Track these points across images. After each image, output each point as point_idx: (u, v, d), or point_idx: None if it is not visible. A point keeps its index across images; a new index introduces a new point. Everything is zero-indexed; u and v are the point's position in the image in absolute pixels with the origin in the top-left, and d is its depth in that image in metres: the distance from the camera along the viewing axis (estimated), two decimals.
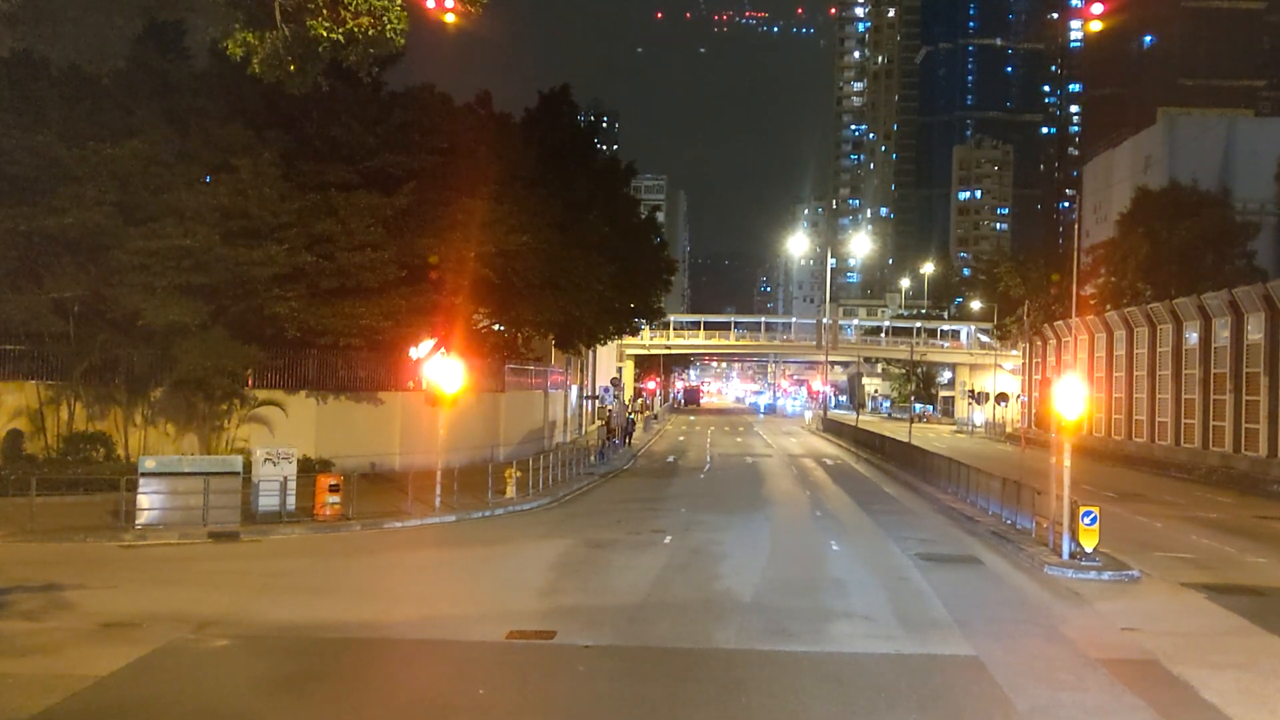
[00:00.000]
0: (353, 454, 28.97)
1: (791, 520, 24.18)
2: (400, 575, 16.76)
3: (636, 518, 23.37)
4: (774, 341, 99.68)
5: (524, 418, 39.12)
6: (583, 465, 34.88)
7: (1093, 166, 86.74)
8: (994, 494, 24.48)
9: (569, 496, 27.40)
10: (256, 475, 20.07)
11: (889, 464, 39.56)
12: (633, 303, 37.81)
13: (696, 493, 29.36)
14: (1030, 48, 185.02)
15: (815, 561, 18.44)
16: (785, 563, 18.21)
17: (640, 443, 50.43)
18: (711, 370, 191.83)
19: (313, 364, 28.18)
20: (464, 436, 33.68)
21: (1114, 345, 51.56)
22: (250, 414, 26.70)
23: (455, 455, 32.94)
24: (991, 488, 24.87)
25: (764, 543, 20.34)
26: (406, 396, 31.41)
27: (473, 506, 23.43)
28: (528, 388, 39.76)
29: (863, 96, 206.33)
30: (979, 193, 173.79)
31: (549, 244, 28.69)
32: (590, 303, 31.73)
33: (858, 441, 51.12)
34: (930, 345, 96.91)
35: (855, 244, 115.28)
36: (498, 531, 21.28)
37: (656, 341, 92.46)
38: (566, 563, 17.53)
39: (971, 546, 20.44)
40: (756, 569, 17.40)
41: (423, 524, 21.42)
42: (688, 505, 25.94)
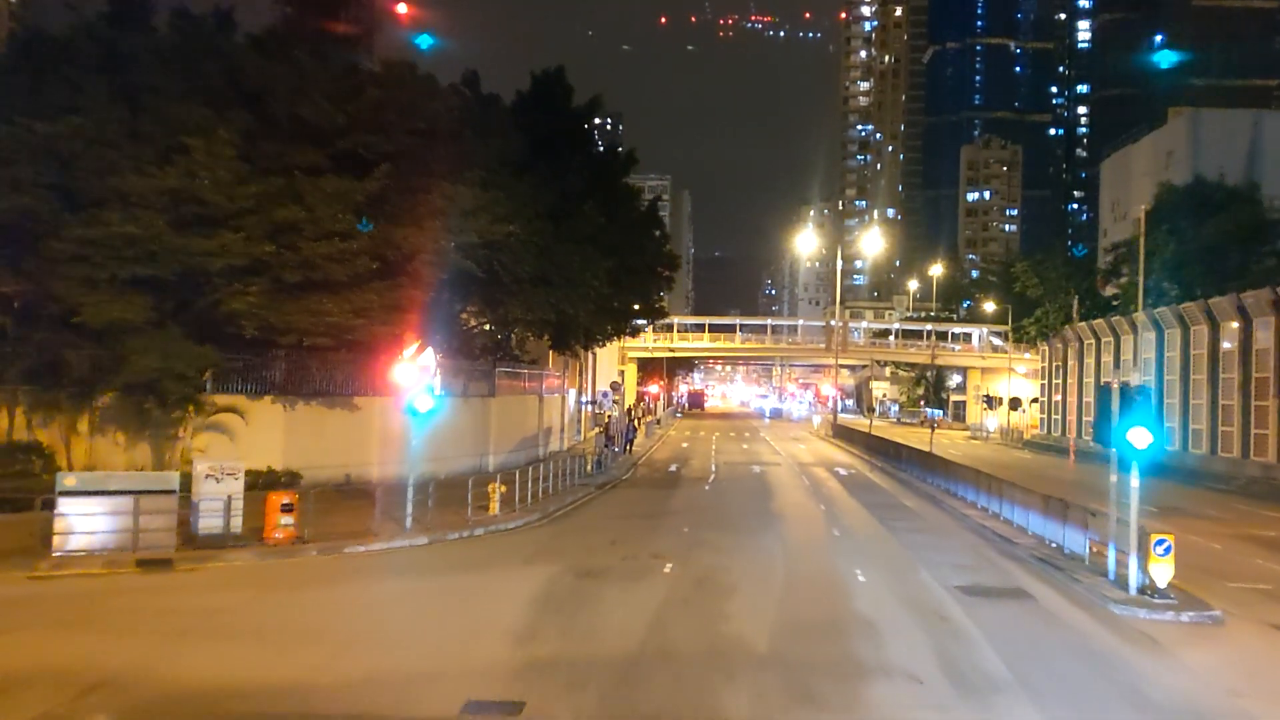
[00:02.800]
0: (325, 465, 26.54)
1: (807, 541, 21.65)
2: (351, 614, 14.25)
3: (633, 538, 20.86)
4: (780, 344, 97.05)
5: (517, 424, 36.64)
6: (579, 475, 32.44)
7: (1111, 163, 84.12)
8: (1034, 511, 21.93)
9: (561, 512, 24.89)
10: (198, 493, 17.59)
11: (906, 473, 37.00)
12: (632, 301, 35.15)
13: (700, 507, 26.83)
14: (1039, 47, 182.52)
15: (839, 595, 15.91)
16: (804, 597, 15.70)
17: (641, 450, 47.91)
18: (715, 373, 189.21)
19: (280, 367, 25.76)
20: (450, 444, 31.23)
21: (1141, 347, 48.94)
22: (208, 422, 24.23)
23: (440, 465, 30.54)
24: (1030, 504, 22.32)
25: (778, 570, 17.82)
26: (386, 402, 28.90)
27: (450, 526, 20.92)
28: (521, 392, 37.29)
29: (869, 96, 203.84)
30: (987, 193, 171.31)
31: (540, 236, 26.22)
32: (586, 300, 29.23)
33: (871, 449, 48.56)
34: (941, 348, 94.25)
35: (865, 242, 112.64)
36: (474, 556, 18.77)
37: (660, 344, 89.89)
38: (549, 597, 15.04)
39: (1015, 575, 17.89)
40: (771, 605, 14.90)
41: (389, 548, 18.92)
42: (691, 522, 23.42)
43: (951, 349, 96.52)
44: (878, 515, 25.80)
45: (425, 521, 20.90)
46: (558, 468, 30.01)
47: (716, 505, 27.38)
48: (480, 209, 23.33)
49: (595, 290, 29.46)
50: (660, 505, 26.94)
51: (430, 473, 29.69)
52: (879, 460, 44.09)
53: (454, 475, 30.41)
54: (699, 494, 30.21)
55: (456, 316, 28.48)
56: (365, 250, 22.16)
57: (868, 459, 45.80)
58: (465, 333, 33.03)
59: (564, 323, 32.13)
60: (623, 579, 16.48)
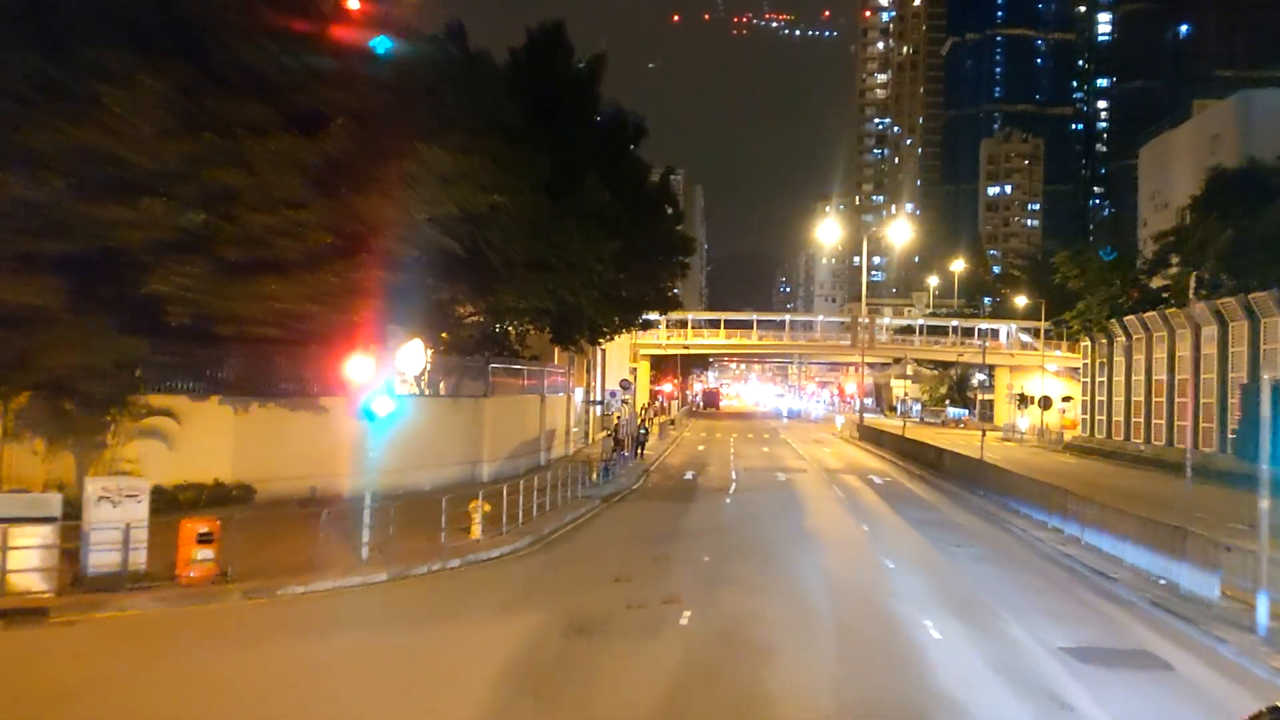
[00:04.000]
0: (285, 476, 22.86)
1: (854, 575, 17.80)
2: (258, 694, 10.52)
3: (641, 571, 17.07)
4: (799, 341, 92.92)
5: (515, 427, 32.90)
6: (583, 485, 28.74)
7: (1149, 151, 79.75)
8: (1129, 537, 18.03)
9: (557, 534, 21.13)
10: (89, 521, 13.90)
11: (951, 483, 33.08)
12: (642, 290, 31.18)
13: (721, 526, 23.01)
14: (1061, 38, 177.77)
15: (910, 660, 12.06)
16: (865, 662, 11.88)
17: (654, 454, 44.12)
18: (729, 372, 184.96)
19: (232, 362, 22.09)
20: (437, 451, 27.59)
21: (1201, 343, 44.79)
22: (141, 427, 20.55)
23: (424, 475, 26.87)
24: (1123, 528, 18.42)
25: (825, 620, 13.99)
26: None
27: (418, 555, 17.19)
28: (520, 391, 33.56)
29: (887, 89, 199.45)
30: (1008, 188, 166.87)
31: (534, 212, 22.46)
32: (589, 287, 25.43)
33: (904, 453, 44.63)
34: (968, 345, 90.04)
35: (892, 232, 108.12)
36: (442, 599, 15.04)
37: (673, 341, 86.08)
38: (529, 663, 11.30)
39: (1130, 629, 14.00)
40: (823, 676, 11.13)
41: (337, 587, 15.18)
42: (711, 548, 19.60)
43: (979, 346, 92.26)
44: (931, 538, 21.92)
45: (390, 550, 17.19)
46: (559, 477, 26.36)
47: (740, 523, 23.55)
48: (461, 176, 19.55)
49: (599, 276, 25.67)
50: (674, 524, 23.13)
51: (412, 484, 26.07)
52: (915, 466, 40.17)
53: (441, 486, 26.77)
54: (719, 508, 26.38)
55: (444, 306, 24.70)
56: (322, 223, 18.41)
57: (902, 465, 41.86)
58: (455, 324, 29.29)
59: (565, 313, 28.39)
60: (626, 635, 12.70)
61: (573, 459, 38.20)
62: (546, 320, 27.96)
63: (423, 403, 27.61)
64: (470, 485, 28.02)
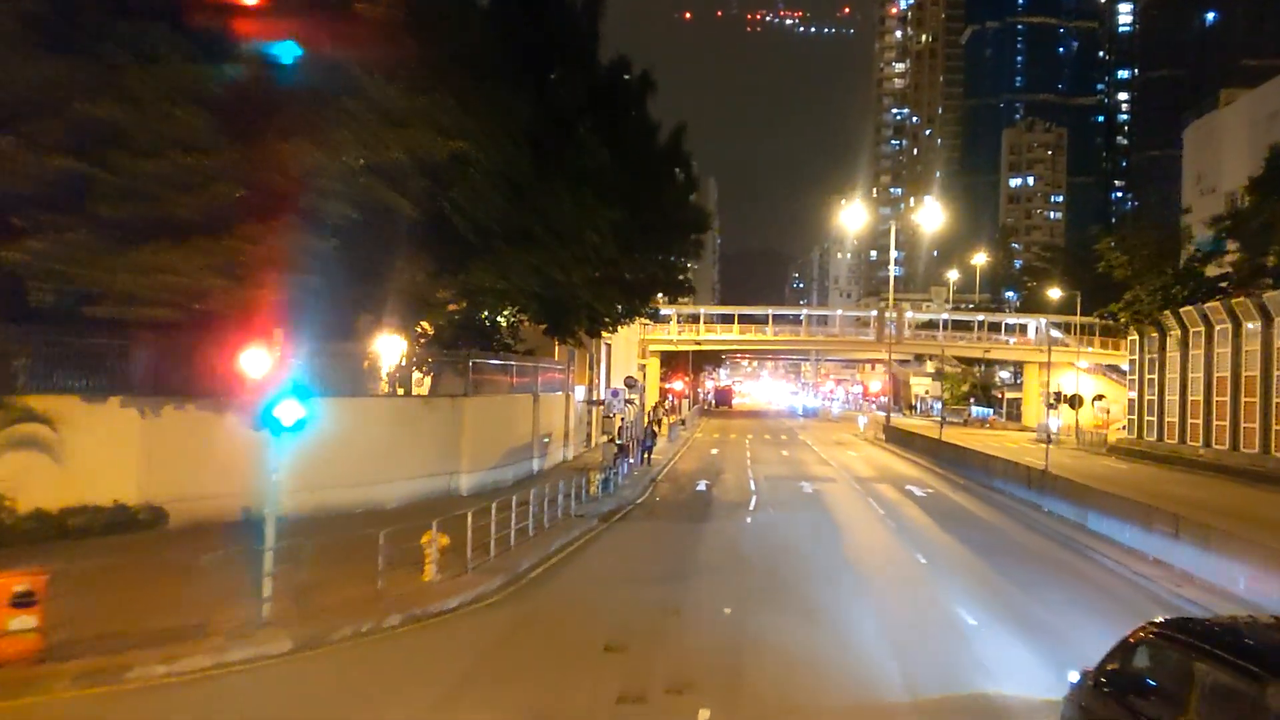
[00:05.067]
0: (208, 494, 18.68)
1: (931, 640, 13.33)
2: None
3: (642, 633, 12.78)
4: (817, 336, 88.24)
5: (503, 430, 28.63)
6: (580, 499, 24.49)
7: (1194, 133, 74.82)
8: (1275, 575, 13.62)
9: (537, 571, 16.82)
10: None
11: (1004, 495, 28.65)
12: (650, 270, 26.58)
13: (742, 557, 18.65)
14: (1083, 26, 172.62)
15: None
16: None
17: (663, 458, 39.80)
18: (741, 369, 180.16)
19: (141, 355, 17.87)
20: (403, 461, 23.39)
21: (1273, 335, 40.16)
22: (15, 435, 16.35)
23: (386, 490, 22.60)
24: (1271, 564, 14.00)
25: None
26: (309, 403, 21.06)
27: (345, 609, 12.92)
28: (508, 390, 29.26)
29: (905, 78, 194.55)
30: (1031, 179, 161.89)
31: (512, 168, 18.13)
32: (582, 263, 21.03)
33: (940, 458, 40.15)
34: (994, 340, 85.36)
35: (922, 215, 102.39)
36: (359, 685, 10.74)
37: (685, 336, 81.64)
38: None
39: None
40: None
41: (216, 665, 10.90)
42: (732, 592, 15.26)
43: (1006, 341, 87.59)
44: (1007, 574, 17.51)
45: (309, 602, 12.94)
46: (551, 490, 22.16)
47: (766, 553, 19.20)
48: (413, 116, 15.28)
49: (596, 251, 21.32)
50: (685, 554, 18.79)
51: (372, 502, 21.85)
52: (955, 474, 35.71)
53: (409, 502, 22.64)
54: (738, 530, 22.03)
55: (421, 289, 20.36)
56: (229, 172, 14.16)
57: (940, 472, 37.39)
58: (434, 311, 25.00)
59: (559, 299, 24.09)
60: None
61: (572, 466, 33.93)
62: (534, 306, 23.66)
63: (385, 405, 23.39)
64: (445, 500, 23.81)
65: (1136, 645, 7.61)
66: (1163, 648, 7.25)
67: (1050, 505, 24.99)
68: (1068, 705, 8.35)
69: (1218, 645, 6.68)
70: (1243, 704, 6.09)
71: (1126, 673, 7.57)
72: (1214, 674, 6.44)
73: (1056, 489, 24.88)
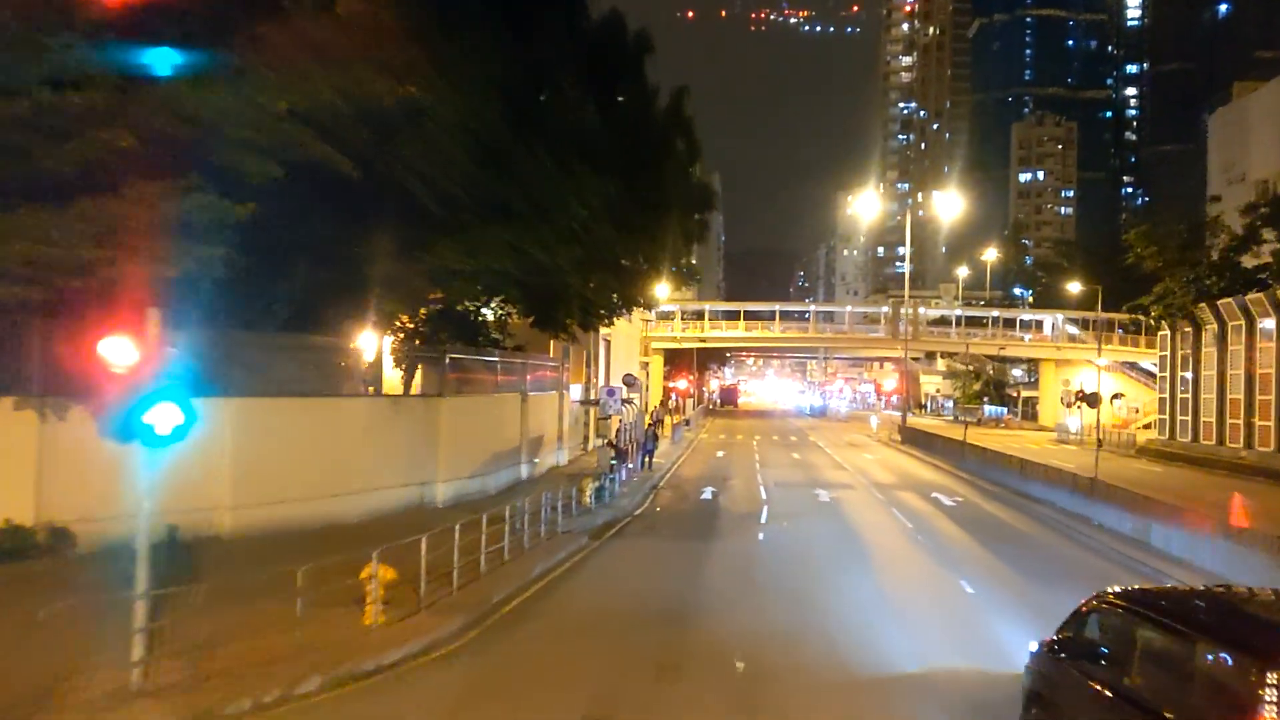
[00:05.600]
0: (128, 512, 15.67)
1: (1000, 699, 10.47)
2: None
3: (630, 704, 9.92)
4: (826, 334, 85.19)
5: (485, 433, 25.78)
6: (571, 510, 21.68)
7: (1221, 119, 71.74)
8: None
9: (510, 606, 13.93)
10: None
11: (1045, 507, 25.72)
12: (651, 253, 23.34)
13: (756, 587, 15.76)
14: (1093, 19, 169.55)
15: None
16: None
17: (665, 461, 36.94)
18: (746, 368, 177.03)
19: (38, 347, 15.02)
20: (369, 469, 20.55)
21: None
22: None
23: (348, 503, 19.70)
24: None
25: None
26: (250, 405, 18.27)
27: (254, 670, 10.04)
28: (492, 389, 26.39)
29: (912, 72, 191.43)
30: (1041, 174, 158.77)
31: (483, 124, 15.24)
32: (569, 242, 18.07)
33: (964, 461, 37.20)
34: (1009, 337, 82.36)
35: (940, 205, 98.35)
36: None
37: (689, 333, 78.72)
38: None
39: None
40: None
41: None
42: (745, 637, 12.37)
43: (1021, 338, 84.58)
44: None
45: (204, 663, 10.06)
46: (538, 500, 19.39)
47: (783, 579, 16.32)
48: (353, 53, 12.42)
49: (586, 228, 18.41)
50: (688, 583, 15.88)
51: (331, 517, 18.96)
52: (983, 479, 32.78)
53: (375, 516, 19.86)
54: (750, 551, 19.12)
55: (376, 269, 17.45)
56: (112, 114, 11.32)
57: (966, 477, 34.45)
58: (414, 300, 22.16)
59: (544, 285, 21.17)
60: None
61: (565, 472, 31.12)
62: (515, 292, 20.76)
63: (347, 407, 20.52)
64: (417, 513, 21.00)
65: (1087, 614, 7.97)
66: (1110, 615, 7.63)
67: (1101, 517, 22.06)
68: (1027, 673, 8.81)
69: (1156, 611, 7.11)
70: (1177, 661, 6.55)
71: (1079, 640, 7.95)
72: (1152, 636, 6.90)
73: (1112, 499, 21.91)
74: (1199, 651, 6.39)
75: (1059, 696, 8.04)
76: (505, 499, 23.92)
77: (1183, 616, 6.88)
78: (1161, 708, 6.47)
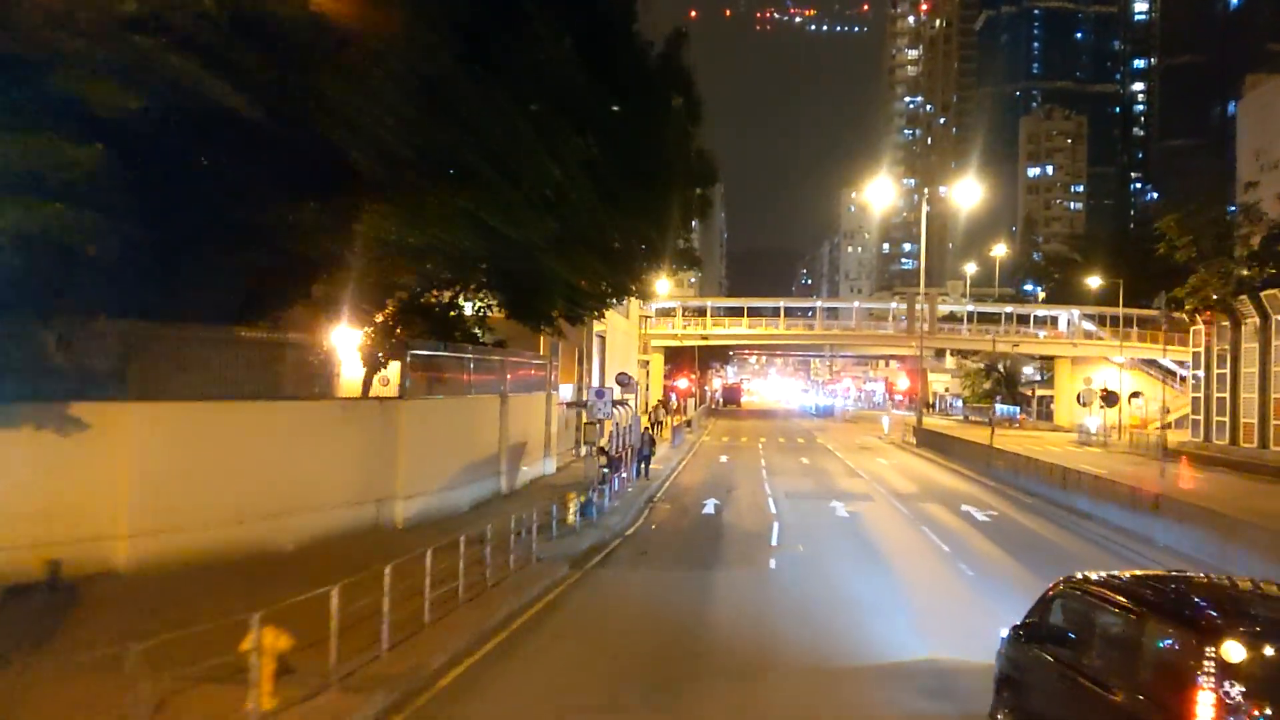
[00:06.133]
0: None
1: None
2: None
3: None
4: (834, 330, 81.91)
5: (456, 441, 22.64)
6: (550, 531, 18.66)
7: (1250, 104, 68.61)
8: None
9: (454, 674, 10.78)
10: None
11: (1092, 523, 22.54)
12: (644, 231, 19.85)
13: (767, 640, 12.62)
14: (1101, 11, 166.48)
15: None
16: None
17: (664, 468, 33.83)
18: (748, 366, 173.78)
19: None
20: (311, 486, 17.46)
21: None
22: None
23: (286, 525, 16.62)
24: None
25: None
26: (160, 411, 15.15)
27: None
28: (462, 389, 23.23)
29: (918, 65, 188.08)
30: (1050, 168, 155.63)
31: (427, 58, 12.09)
32: (542, 213, 14.85)
33: (989, 468, 33.98)
34: (1023, 333, 79.14)
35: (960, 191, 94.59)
36: None
37: (690, 330, 75.66)
38: None
39: None
40: None
41: None
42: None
43: (1036, 334, 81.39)
44: None
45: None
46: (519, 518, 16.35)
47: (802, 626, 13.18)
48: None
49: (564, 196, 15.18)
50: (684, 634, 12.72)
51: (265, 544, 15.85)
52: (1014, 489, 29.61)
53: (321, 541, 16.80)
54: (759, 585, 15.98)
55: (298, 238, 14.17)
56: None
57: (994, 485, 31.25)
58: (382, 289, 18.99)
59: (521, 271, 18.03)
60: None
61: (553, 482, 28.06)
62: (485, 278, 17.63)
63: (282, 412, 17.30)
64: (370, 536, 17.95)
65: (1052, 600, 8.30)
66: (1072, 600, 7.97)
67: (1168, 538, 18.89)
68: (999, 659, 9.05)
69: (1112, 592, 7.48)
70: (1129, 640, 6.93)
71: (1044, 624, 8.23)
72: (1108, 617, 7.30)
73: (1185, 518, 18.69)
74: (1147, 630, 6.71)
75: (1027, 678, 8.30)
76: (478, 517, 20.88)
77: (1135, 597, 7.16)
78: (1114, 683, 6.78)
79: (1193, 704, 5.92)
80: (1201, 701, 5.89)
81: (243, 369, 16.60)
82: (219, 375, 16.48)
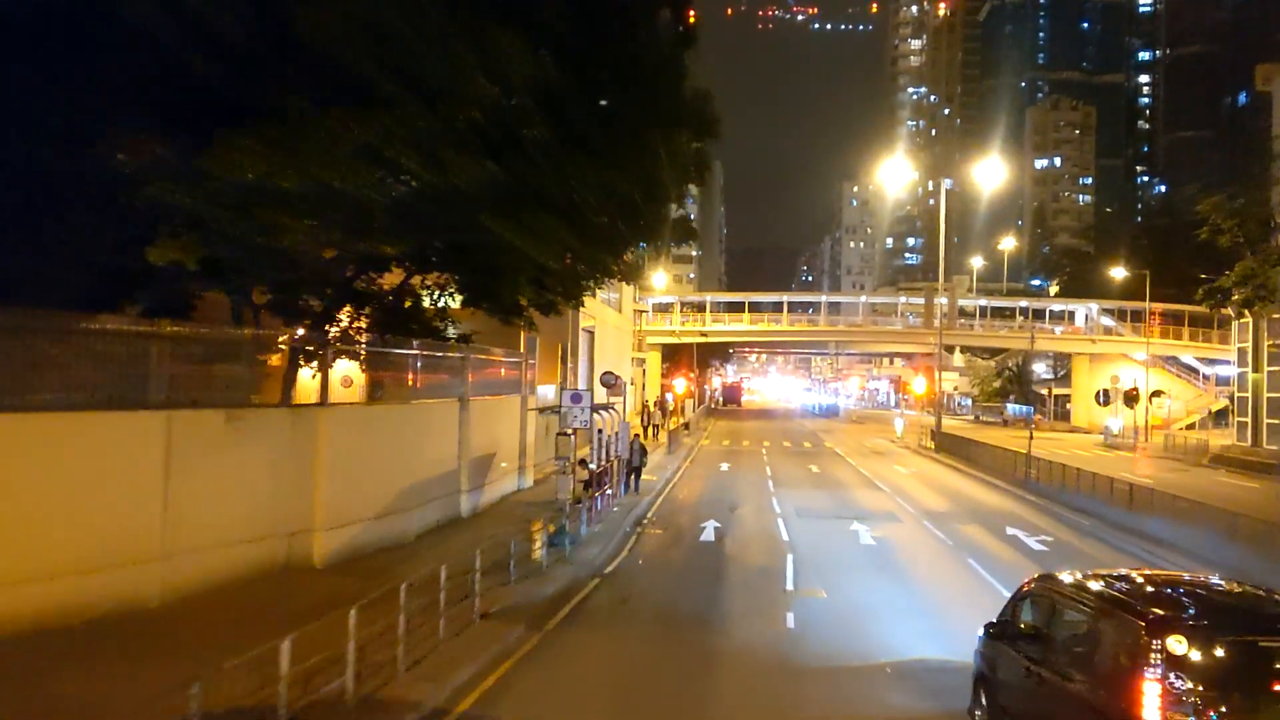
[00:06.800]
0: None
1: None
2: None
3: None
4: (838, 326, 77.80)
5: (401, 454, 18.52)
6: (510, 571, 14.60)
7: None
8: None
9: None
10: None
11: (1173, 552, 18.50)
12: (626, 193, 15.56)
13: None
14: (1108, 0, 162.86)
15: None
16: None
17: (658, 479, 29.81)
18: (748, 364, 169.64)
19: None
20: (195, 519, 13.34)
21: None
22: None
23: (157, 573, 12.56)
24: None
25: None
26: (50, 422, 11.14)
27: None
28: (408, 393, 19.14)
29: (921, 55, 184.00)
30: (1058, 160, 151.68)
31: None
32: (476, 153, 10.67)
33: (1026, 480, 29.91)
34: (1039, 329, 75.12)
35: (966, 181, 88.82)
36: None
37: (689, 326, 71.73)
38: None
39: None
40: None
41: None
42: None
43: (1052, 330, 77.40)
44: None
45: None
46: (462, 555, 12.47)
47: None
48: None
49: (506, 129, 11.10)
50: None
51: (126, 597, 11.81)
52: (1060, 505, 25.57)
53: (207, 590, 12.77)
54: (774, 653, 11.98)
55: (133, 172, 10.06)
56: None
57: (1036, 501, 27.20)
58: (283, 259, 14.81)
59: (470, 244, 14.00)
60: None
61: (528, 498, 24.12)
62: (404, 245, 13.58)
63: (143, 424, 13.08)
64: (275, 581, 13.98)
65: (1022, 598, 8.50)
66: (1040, 597, 8.15)
67: None
68: (975, 657, 9.24)
69: (1075, 589, 7.66)
70: (1088, 633, 7.16)
71: (1015, 622, 8.40)
72: (1071, 613, 7.51)
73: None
74: (1102, 623, 6.99)
75: (999, 674, 8.46)
76: (424, 549, 16.91)
77: (1095, 593, 7.34)
78: (1073, 674, 7.07)
79: (1139, 694, 6.13)
80: (1148, 692, 6.10)
81: (89, 369, 12.51)
82: (65, 378, 12.41)
